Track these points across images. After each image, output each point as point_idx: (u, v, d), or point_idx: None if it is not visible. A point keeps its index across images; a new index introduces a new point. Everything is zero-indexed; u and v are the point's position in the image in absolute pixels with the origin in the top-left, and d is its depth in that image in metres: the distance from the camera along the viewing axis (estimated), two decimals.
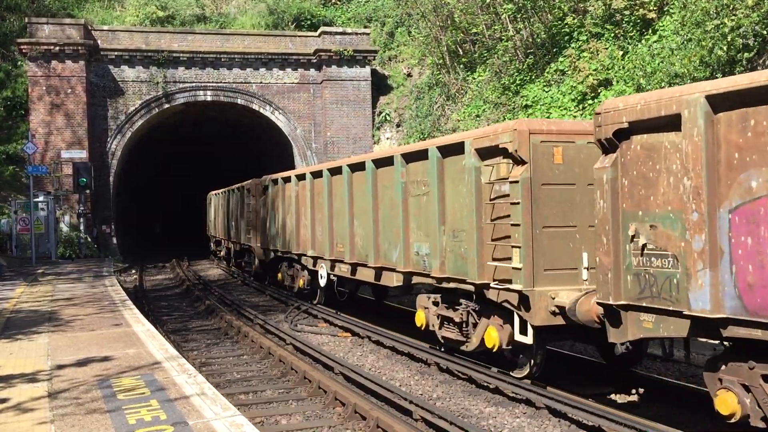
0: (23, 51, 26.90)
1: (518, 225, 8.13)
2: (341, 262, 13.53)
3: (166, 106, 29.06)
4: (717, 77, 13.99)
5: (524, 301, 8.19)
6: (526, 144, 8.13)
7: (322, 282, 14.84)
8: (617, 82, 17.43)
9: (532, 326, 8.19)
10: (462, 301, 9.55)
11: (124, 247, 31.24)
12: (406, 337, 11.99)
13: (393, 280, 11.46)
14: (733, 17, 13.79)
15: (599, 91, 17.78)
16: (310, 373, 9.63)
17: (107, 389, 6.41)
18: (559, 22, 20.99)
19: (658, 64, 15.86)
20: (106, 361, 7.64)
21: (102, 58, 27.99)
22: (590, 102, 17.80)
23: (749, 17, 13.51)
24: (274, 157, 34.17)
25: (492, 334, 8.90)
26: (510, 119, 20.58)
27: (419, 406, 7.92)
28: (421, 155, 10.30)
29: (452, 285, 9.62)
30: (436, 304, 10.26)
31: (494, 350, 8.94)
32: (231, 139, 39.09)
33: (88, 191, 26.18)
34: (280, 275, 18.71)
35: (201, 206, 41.17)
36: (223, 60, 29.21)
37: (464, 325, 9.53)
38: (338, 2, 35.68)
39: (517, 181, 8.15)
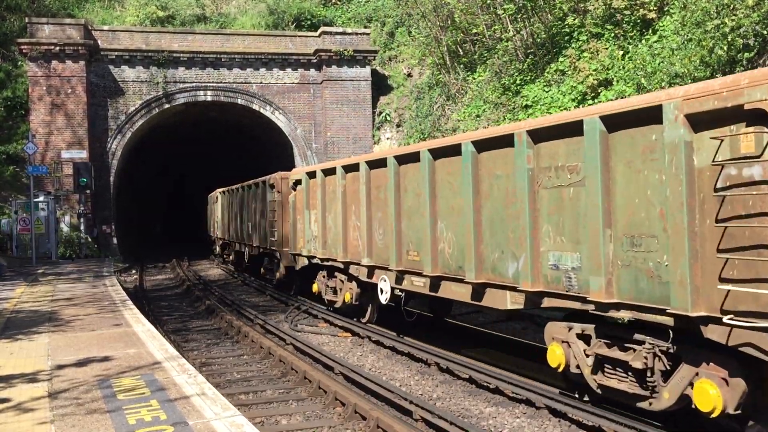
0: (23, 51, 26.90)
1: None
2: (415, 274, 10.69)
3: (167, 106, 29.07)
4: (717, 77, 13.99)
5: None
6: None
7: (383, 298, 11.79)
8: (617, 82, 17.42)
9: None
10: (642, 337, 6.84)
11: (125, 247, 31.25)
12: (405, 337, 11.98)
13: (506, 302, 8.59)
14: (733, 17, 13.79)
15: (599, 91, 17.77)
16: (310, 373, 9.63)
17: (107, 389, 6.41)
18: (560, 22, 20.99)
19: (659, 64, 15.85)
20: (107, 361, 7.64)
21: (102, 58, 28.00)
22: (590, 102, 17.79)
23: (749, 17, 13.51)
24: (274, 157, 34.18)
25: (708, 391, 6.05)
26: (510, 119, 20.58)
27: (419, 406, 7.92)
28: (565, 130, 7.41)
29: (628, 314, 6.83)
30: (585, 338, 7.63)
31: (711, 416, 6.11)
32: (231, 139, 39.11)
33: (88, 191, 26.19)
34: (316, 286, 15.64)
35: (201, 206, 41.17)
36: (223, 60, 29.21)
37: (648, 374, 6.78)
38: (338, 2, 35.69)
39: None
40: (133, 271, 26.68)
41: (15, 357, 8.07)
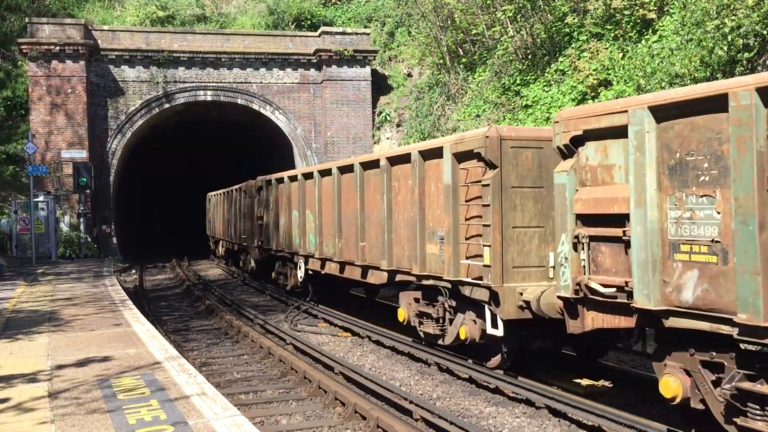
0: (23, 51, 26.91)
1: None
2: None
3: (167, 106, 29.07)
4: (717, 77, 14.00)
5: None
6: None
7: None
8: (617, 82, 17.43)
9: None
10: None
11: (124, 247, 31.25)
12: (403, 336, 12.01)
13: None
14: (733, 17, 13.79)
15: (599, 91, 17.77)
16: (310, 373, 9.63)
17: (107, 389, 6.41)
18: (559, 22, 20.99)
19: (658, 64, 15.85)
20: (107, 361, 7.65)
21: (102, 58, 28.00)
22: (590, 102, 17.80)
23: (749, 17, 13.51)
24: (274, 157, 34.18)
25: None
26: (510, 119, 20.60)
27: (419, 406, 7.92)
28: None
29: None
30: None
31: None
32: (231, 139, 39.11)
33: (88, 191, 26.19)
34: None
35: (201, 206, 41.18)
36: (223, 60, 29.22)
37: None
38: (338, 2, 35.69)
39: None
40: (133, 271, 26.67)
41: (15, 357, 8.07)
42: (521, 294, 8.56)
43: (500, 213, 8.64)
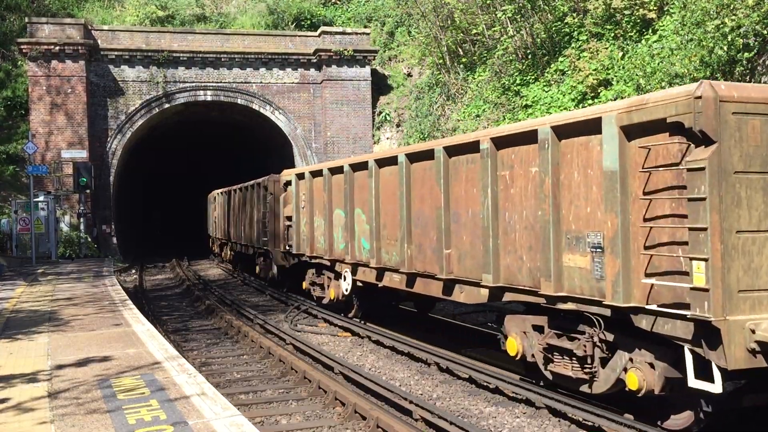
0: (23, 51, 26.91)
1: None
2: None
3: (167, 105, 29.08)
4: (717, 77, 14.01)
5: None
6: None
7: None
8: (617, 82, 17.43)
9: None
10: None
11: (124, 247, 31.25)
12: (405, 337, 11.99)
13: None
14: (733, 17, 13.79)
15: (599, 91, 17.77)
16: (310, 373, 9.63)
17: (107, 389, 6.41)
18: (559, 22, 20.99)
19: (658, 64, 15.85)
20: (106, 361, 7.65)
21: (102, 58, 28.01)
22: (590, 102, 17.79)
23: (749, 17, 13.51)
24: (274, 157, 34.19)
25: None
26: (510, 119, 20.60)
27: (419, 406, 7.92)
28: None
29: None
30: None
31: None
32: (231, 139, 39.12)
33: (88, 191, 26.20)
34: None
35: (201, 206, 41.19)
36: (223, 60, 29.22)
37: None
38: (338, 2, 35.69)
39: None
40: (133, 271, 26.68)
41: (15, 357, 8.07)
42: (753, 332, 5.83)
43: (720, 211, 5.90)
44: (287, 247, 17.23)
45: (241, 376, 10.24)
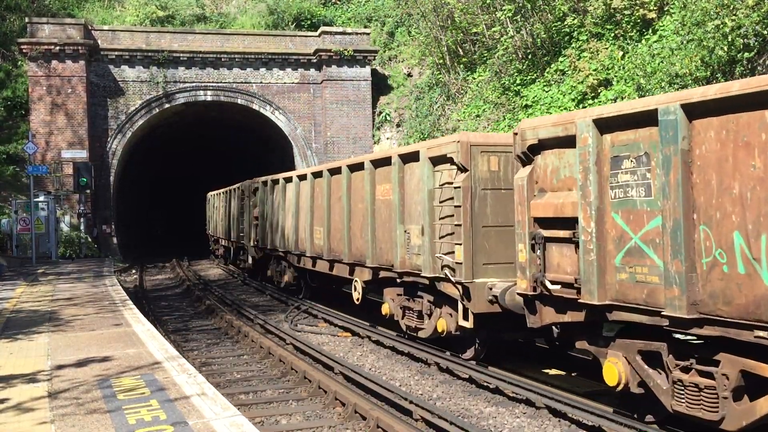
0: (23, 51, 26.92)
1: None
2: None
3: (167, 105, 29.08)
4: (718, 77, 14.00)
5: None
6: None
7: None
8: (617, 82, 17.43)
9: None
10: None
11: (125, 247, 31.26)
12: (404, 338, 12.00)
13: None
14: (733, 17, 13.78)
15: (599, 91, 17.77)
16: (310, 373, 9.62)
17: (107, 389, 6.41)
18: (559, 22, 20.98)
19: (658, 64, 15.85)
20: (107, 361, 7.65)
21: (102, 58, 28.01)
22: (590, 102, 17.80)
23: (750, 17, 13.51)
24: (274, 156, 34.20)
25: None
26: (510, 119, 20.60)
27: (419, 406, 7.92)
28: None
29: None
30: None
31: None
32: (231, 139, 39.12)
33: (88, 191, 26.20)
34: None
35: (201, 206, 41.20)
36: (223, 60, 29.22)
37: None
38: (338, 2, 35.69)
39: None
40: (133, 271, 26.68)
41: (15, 357, 8.07)
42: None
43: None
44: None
45: (241, 376, 10.24)
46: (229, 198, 26.03)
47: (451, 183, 9.52)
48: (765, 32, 13.45)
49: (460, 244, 9.28)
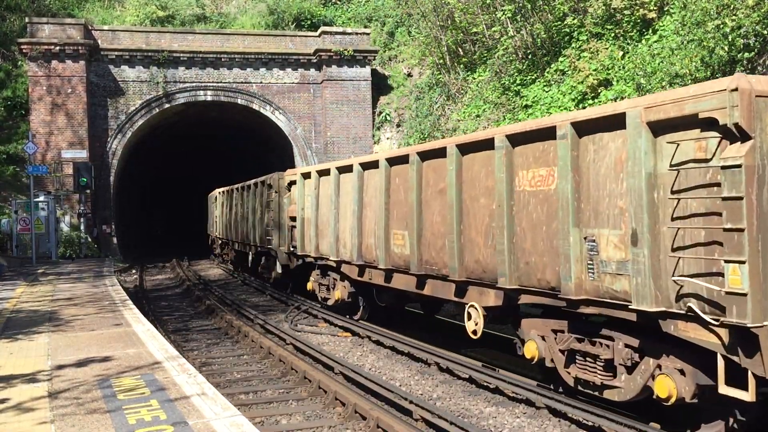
0: (24, 51, 26.91)
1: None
2: None
3: (167, 105, 29.08)
4: (718, 77, 14.00)
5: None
6: None
7: None
8: (617, 82, 17.43)
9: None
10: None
11: (125, 247, 31.26)
12: (406, 337, 11.99)
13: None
14: (733, 17, 13.79)
15: (599, 91, 17.77)
16: (310, 373, 9.63)
17: (107, 389, 6.41)
18: (559, 22, 20.99)
19: (659, 64, 15.85)
20: (107, 361, 7.65)
21: (102, 58, 28.01)
22: (590, 102, 17.80)
23: (750, 17, 13.51)
24: (274, 157, 34.19)
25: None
26: (510, 119, 20.60)
27: (419, 406, 7.92)
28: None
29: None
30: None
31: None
32: (231, 139, 39.13)
33: (88, 191, 26.19)
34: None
35: (201, 206, 41.22)
36: (223, 60, 29.22)
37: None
38: (338, 2, 35.69)
39: None
40: (133, 271, 26.68)
41: (15, 357, 8.07)
42: None
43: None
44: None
45: (241, 376, 10.24)
46: (244, 195, 23.04)
47: (705, 160, 6.05)
48: (765, 32, 13.46)
49: (740, 262, 5.67)
